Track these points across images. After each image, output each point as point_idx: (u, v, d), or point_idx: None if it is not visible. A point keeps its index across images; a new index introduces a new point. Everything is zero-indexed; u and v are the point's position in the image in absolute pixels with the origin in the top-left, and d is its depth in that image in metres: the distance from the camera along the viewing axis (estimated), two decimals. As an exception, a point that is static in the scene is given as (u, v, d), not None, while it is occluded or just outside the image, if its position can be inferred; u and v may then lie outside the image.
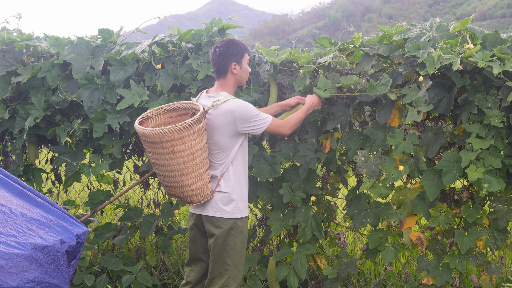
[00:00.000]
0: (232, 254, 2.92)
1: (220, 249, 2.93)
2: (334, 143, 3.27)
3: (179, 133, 2.78)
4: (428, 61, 2.85)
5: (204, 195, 2.93)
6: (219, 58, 2.99)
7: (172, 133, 2.78)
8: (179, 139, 2.80)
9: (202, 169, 2.90)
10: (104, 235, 3.94)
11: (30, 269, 2.37)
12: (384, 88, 3.02)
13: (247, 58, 3.06)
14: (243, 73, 3.05)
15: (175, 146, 2.81)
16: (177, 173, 2.88)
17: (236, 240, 2.92)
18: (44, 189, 4.64)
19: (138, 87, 3.46)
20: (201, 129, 2.85)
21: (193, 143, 2.83)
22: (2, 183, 2.62)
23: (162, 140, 2.80)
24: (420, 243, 3.13)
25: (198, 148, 2.86)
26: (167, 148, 2.82)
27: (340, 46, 3.32)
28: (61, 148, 3.76)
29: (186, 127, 2.78)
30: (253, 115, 2.90)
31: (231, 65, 2.98)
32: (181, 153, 2.83)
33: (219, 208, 2.93)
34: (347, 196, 3.40)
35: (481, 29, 2.95)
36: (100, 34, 3.72)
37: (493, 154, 2.89)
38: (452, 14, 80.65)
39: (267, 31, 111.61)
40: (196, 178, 2.89)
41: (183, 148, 2.82)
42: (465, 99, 2.95)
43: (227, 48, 2.98)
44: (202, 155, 2.89)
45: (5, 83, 3.80)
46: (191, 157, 2.85)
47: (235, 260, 2.93)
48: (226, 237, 2.91)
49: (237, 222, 2.93)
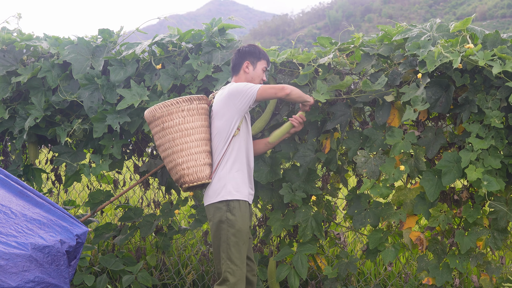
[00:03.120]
0: (225, 248, 2.93)
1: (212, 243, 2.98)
2: (334, 143, 3.27)
3: (167, 109, 2.97)
4: (428, 59, 2.86)
5: (197, 177, 2.97)
6: (236, 55, 3.14)
7: (161, 108, 2.98)
8: (168, 115, 2.98)
9: (194, 149, 2.97)
10: (104, 235, 3.93)
11: (30, 269, 2.38)
12: (378, 86, 3.02)
13: (263, 64, 3.13)
14: (255, 75, 3.11)
15: (164, 123, 2.99)
16: (169, 151, 3.02)
17: (228, 234, 2.93)
18: (44, 189, 4.64)
19: (138, 87, 3.46)
20: (192, 110, 2.98)
21: (181, 120, 2.97)
22: (2, 183, 2.63)
23: (154, 118, 3.01)
24: (420, 243, 3.13)
25: (188, 127, 2.97)
26: (159, 125, 3.01)
27: (340, 46, 3.32)
28: (61, 148, 3.76)
29: (174, 103, 2.98)
30: (244, 85, 2.98)
31: (244, 63, 3.10)
32: (170, 129, 2.99)
33: (210, 195, 2.98)
34: (347, 196, 3.40)
35: (482, 29, 2.95)
36: (100, 34, 3.72)
37: (493, 154, 2.89)
38: (452, 14, 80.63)
39: (267, 31, 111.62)
40: (187, 158, 2.97)
41: (171, 125, 2.98)
42: (466, 98, 2.95)
43: (246, 47, 3.13)
44: (193, 135, 2.97)
45: (5, 83, 3.80)
46: (179, 134, 2.97)
47: (228, 254, 2.93)
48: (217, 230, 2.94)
49: (227, 214, 2.93)
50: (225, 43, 3.48)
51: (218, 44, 3.48)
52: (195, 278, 4.00)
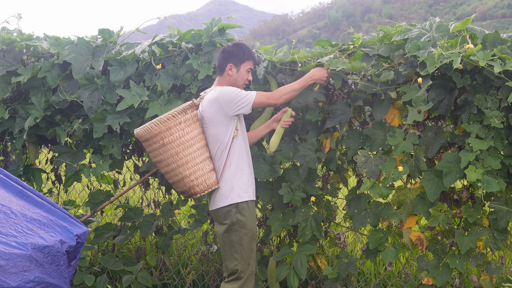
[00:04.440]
0: (239, 249, 2.96)
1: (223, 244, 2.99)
2: (334, 143, 3.27)
3: (164, 125, 2.91)
4: (428, 60, 2.86)
5: (207, 185, 2.98)
6: (220, 55, 3.11)
7: (158, 125, 2.92)
8: (166, 131, 2.93)
9: (198, 158, 2.96)
10: (104, 235, 3.93)
11: (30, 269, 2.38)
12: (389, 76, 3.01)
13: (248, 65, 3.09)
14: (238, 77, 3.09)
15: (164, 139, 2.94)
16: (174, 166, 2.97)
17: (240, 235, 2.96)
18: (44, 189, 4.64)
19: (138, 88, 3.45)
20: (188, 120, 2.95)
21: (181, 133, 2.94)
22: (2, 183, 2.62)
23: (151, 135, 2.94)
24: (420, 243, 3.12)
25: (188, 138, 2.94)
26: (158, 142, 2.95)
27: (340, 47, 3.32)
28: (61, 148, 3.76)
29: (170, 118, 2.92)
30: (235, 94, 2.95)
31: (227, 65, 3.06)
32: (171, 144, 2.95)
33: (218, 200, 2.98)
34: (347, 196, 3.40)
35: (481, 29, 2.95)
36: (100, 34, 3.72)
37: (493, 155, 2.89)
38: (452, 14, 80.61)
39: (267, 31, 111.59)
40: (194, 168, 2.96)
41: (172, 139, 2.94)
42: (465, 99, 2.95)
43: (230, 48, 3.07)
44: (195, 145, 2.95)
45: (5, 83, 3.80)
46: (182, 147, 2.94)
47: (242, 254, 2.97)
48: (228, 232, 2.96)
49: (237, 216, 2.95)
50: (225, 43, 3.48)
51: (218, 44, 3.48)
52: (195, 278, 4.00)
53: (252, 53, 3.12)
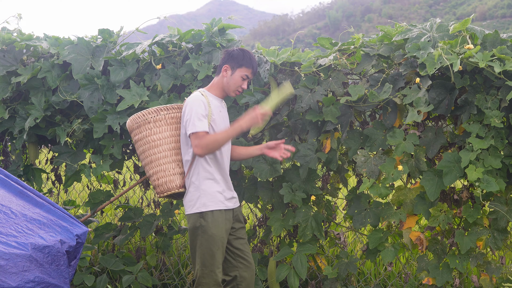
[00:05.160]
0: (200, 254, 2.91)
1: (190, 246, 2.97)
2: (334, 143, 3.27)
3: (136, 121, 3.00)
4: (428, 61, 2.85)
5: (167, 187, 2.99)
6: (223, 55, 3.09)
7: (131, 121, 3.02)
8: (137, 128, 3.02)
9: (163, 160, 2.98)
10: (104, 235, 3.93)
11: (30, 269, 2.37)
12: (385, 95, 3.02)
13: (244, 72, 2.98)
14: (231, 81, 2.99)
15: (135, 136, 3.04)
16: (143, 163, 3.07)
17: (202, 240, 2.90)
18: (44, 189, 4.64)
19: (138, 88, 3.46)
20: (160, 121, 2.98)
21: (149, 132, 2.99)
22: (2, 183, 2.62)
23: (130, 130, 3.06)
24: (420, 243, 3.12)
25: (155, 138, 2.98)
26: (133, 138, 3.06)
27: (340, 47, 3.32)
28: (61, 148, 3.76)
29: (140, 116, 3.00)
30: (190, 114, 2.87)
31: (224, 65, 3.02)
32: (140, 141, 3.03)
33: (186, 205, 2.96)
34: (347, 196, 3.40)
35: (481, 29, 2.95)
36: (100, 34, 3.72)
37: (493, 154, 2.89)
38: (452, 14, 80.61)
39: (267, 31, 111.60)
40: (157, 168, 2.99)
41: (140, 137, 3.02)
42: (465, 99, 2.95)
43: (232, 51, 3.02)
44: (162, 146, 2.98)
45: (5, 83, 3.80)
46: (148, 146, 3.00)
47: (202, 260, 2.90)
48: (192, 235, 2.94)
49: (200, 221, 2.90)
50: (225, 43, 3.48)
51: (218, 44, 3.48)
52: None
53: (254, 62, 3.01)
